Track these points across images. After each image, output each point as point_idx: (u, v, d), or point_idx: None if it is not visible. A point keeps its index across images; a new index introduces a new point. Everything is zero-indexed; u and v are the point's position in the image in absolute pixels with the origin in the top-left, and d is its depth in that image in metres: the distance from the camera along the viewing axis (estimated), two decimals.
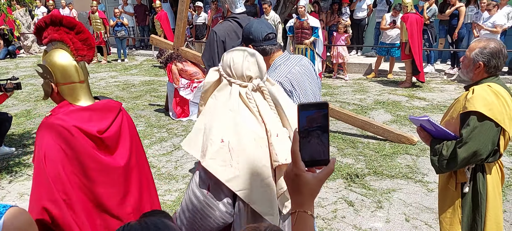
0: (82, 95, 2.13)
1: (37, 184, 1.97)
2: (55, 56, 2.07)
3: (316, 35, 8.75)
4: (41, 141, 2.00)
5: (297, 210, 1.07)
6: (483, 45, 2.33)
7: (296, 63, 2.46)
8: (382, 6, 10.80)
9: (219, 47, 3.99)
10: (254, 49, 2.38)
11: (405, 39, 8.44)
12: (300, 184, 1.04)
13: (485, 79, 2.36)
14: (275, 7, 9.38)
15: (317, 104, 1.03)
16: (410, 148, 5.40)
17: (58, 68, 2.07)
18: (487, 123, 2.24)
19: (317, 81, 2.58)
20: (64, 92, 2.11)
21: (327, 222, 3.80)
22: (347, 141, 5.79)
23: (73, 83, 2.10)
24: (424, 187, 4.40)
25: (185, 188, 4.58)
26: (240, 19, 4.06)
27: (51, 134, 2.00)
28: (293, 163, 1.04)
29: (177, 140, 6.07)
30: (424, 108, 7.25)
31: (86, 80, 2.17)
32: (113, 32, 13.10)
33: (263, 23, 2.45)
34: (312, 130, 1.03)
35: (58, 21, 2.06)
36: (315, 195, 1.06)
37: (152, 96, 8.72)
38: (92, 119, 2.12)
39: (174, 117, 7.10)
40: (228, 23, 4.08)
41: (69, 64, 2.08)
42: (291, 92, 2.32)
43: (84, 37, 2.12)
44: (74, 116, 2.06)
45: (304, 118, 1.03)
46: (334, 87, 8.97)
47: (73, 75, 2.09)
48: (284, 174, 1.09)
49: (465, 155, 2.27)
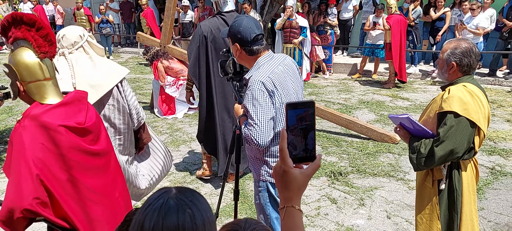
0: (49, 93, 2.11)
1: (18, 183, 1.94)
2: (19, 55, 2.05)
3: (304, 35, 8.81)
4: (22, 143, 1.98)
5: (286, 205, 1.11)
6: (454, 46, 2.41)
7: (279, 62, 2.45)
8: (368, 7, 10.91)
9: (200, 42, 4.04)
10: (241, 49, 2.40)
11: (389, 40, 8.55)
12: (288, 180, 1.08)
13: (460, 79, 2.44)
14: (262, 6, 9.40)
15: (304, 103, 1.08)
16: (392, 147, 5.50)
17: (22, 66, 2.05)
18: (463, 122, 2.32)
19: (299, 81, 2.59)
20: (31, 90, 2.09)
21: (310, 219, 3.85)
22: (332, 139, 5.86)
23: (38, 81, 2.08)
24: (406, 185, 4.49)
25: (170, 185, 4.59)
26: (227, 17, 4.09)
27: (31, 134, 1.99)
28: (281, 159, 1.08)
29: (162, 137, 6.07)
30: (407, 108, 7.37)
31: (54, 78, 2.15)
32: (98, 29, 12.98)
33: (253, 22, 2.41)
34: (299, 128, 1.07)
35: (19, 19, 2.04)
36: (302, 190, 1.11)
37: (137, 93, 8.68)
38: (68, 113, 2.11)
39: (159, 115, 7.08)
40: (214, 19, 4.13)
41: (33, 62, 2.06)
42: (273, 92, 2.31)
43: (44, 33, 2.09)
44: (50, 114, 2.05)
45: (293, 116, 1.07)
46: (319, 87, 9.05)
47: (38, 73, 2.08)
48: (273, 170, 1.13)
49: (442, 153, 2.34)
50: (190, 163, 5.20)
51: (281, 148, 1.07)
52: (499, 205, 4.06)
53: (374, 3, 10.51)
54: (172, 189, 1.13)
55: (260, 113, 2.26)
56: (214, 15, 4.18)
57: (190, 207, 1.08)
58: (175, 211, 1.06)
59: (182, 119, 6.95)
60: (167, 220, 1.04)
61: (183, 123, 6.78)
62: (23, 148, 1.98)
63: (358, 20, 11.55)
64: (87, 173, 2.15)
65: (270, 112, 2.28)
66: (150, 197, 1.11)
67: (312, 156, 1.10)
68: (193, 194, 1.12)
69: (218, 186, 4.55)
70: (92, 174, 2.17)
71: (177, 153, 5.49)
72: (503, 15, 8.83)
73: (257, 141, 2.27)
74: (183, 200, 1.09)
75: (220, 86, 4.19)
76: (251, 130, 2.28)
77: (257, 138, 2.26)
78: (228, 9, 4.13)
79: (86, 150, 2.13)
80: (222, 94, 4.22)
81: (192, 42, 4.12)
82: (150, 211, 1.07)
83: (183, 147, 5.73)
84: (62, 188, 2.04)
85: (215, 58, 4.09)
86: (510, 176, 4.63)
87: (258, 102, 2.26)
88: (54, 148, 2.02)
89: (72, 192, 2.08)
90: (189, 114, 7.15)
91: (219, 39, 4.03)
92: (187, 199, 1.10)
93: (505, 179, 4.58)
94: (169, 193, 1.11)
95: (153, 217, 1.05)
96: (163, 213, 1.05)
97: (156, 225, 1.04)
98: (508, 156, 5.14)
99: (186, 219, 1.06)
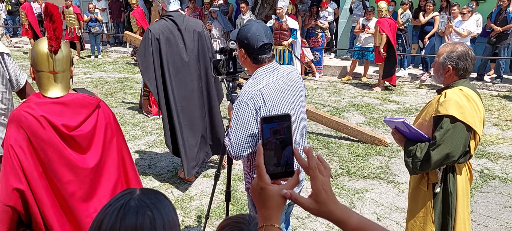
0: (50, 86, 2.13)
1: (4, 169, 1.96)
2: (38, 43, 2.11)
3: (294, 37, 8.80)
4: (10, 127, 2.01)
5: (264, 224, 1.05)
6: (450, 49, 2.41)
7: (280, 76, 2.33)
8: (358, 10, 10.96)
9: (153, 46, 4.00)
10: (246, 55, 2.32)
11: (378, 43, 8.60)
12: (266, 198, 1.03)
13: (456, 82, 2.44)
14: (252, 8, 9.40)
15: (280, 116, 1.04)
16: (382, 149, 5.51)
17: (34, 54, 2.11)
18: (459, 125, 2.31)
19: (301, 98, 2.47)
20: (38, 79, 2.14)
21: (301, 221, 3.84)
22: (322, 141, 5.86)
23: (42, 71, 2.12)
24: (396, 187, 4.50)
25: (159, 186, 4.54)
26: (175, 17, 4.11)
27: (19, 121, 2.00)
28: (258, 176, 1.03)
29: (151, 138, 6.01)
30: (396, 111, 7.41)
31: (62, 72, 2.15)
32: (87, 28, 12.84)
33: (262, 30, 2.28)
34: (275, 142, 1.03)
35: (45, 9, 2.13)
36: (281, 208, 1.05)
37: (126, 93, 8.60)
38: (63, 114, 2.08)
39: (149, 115, 7.01)
40: (163, 21, 4.13)
41: (42, 52, 2.10)
42: (260, 107, 2.21)
43: (54, 26, 2.12)
44: (44, 108, 2.05)
45: (268, 130, 1.03)
46: (309, 89, 9.06)
47: (43, 64, 2.11)
48: (250, 187, 1.08)
49: (438, 157, 2.33)
50: (179, 164, 5.15)
51: (257, 164, 1.02)
52: (488, 208, 4.09)
53: (364, 6, 10.57)
54: (136, 190, 1.13)
55: (239, 127, 2.21)
56: (162, 17, 4.18)
57: (151, 209, 1.07)
58: (135, 212, 1.06)
59: None
60: (125, 221, 1.05)
61: None
62: (9, 135, 2.00)
63: (348, 23, 11.59)
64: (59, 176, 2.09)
65: (250, 129, 2.21)
66: (113, 197, 1.12)
67: (290, 172, 1.05)
68: (156, 196, 1.12)
69: (208, 187, 4.51)
70: (65, 180, 2.11)
71: (166, 153, 5.43)
72: (491, 20, 8.95)
73: (231, 152, 2.26)
74: (145, 202, 1.08)
75: (179, 88, 4.15)
76: (228, 140, 2.26)
77: (231, 150, 2.24)
78: (173, 8, 4.15)
79: (64, 153, 2.07)
80: (182, 96, 4.18)
81: (141, 47, 4.04)
82: (109, 211, 1.07)
83: None
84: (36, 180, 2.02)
85: (170, 60, 4.07)
86: (498, 179, 4.68)
87: (240, 116, 2.21)
88: (34, 137, 2.01)
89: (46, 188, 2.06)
90: None
91: (171, 40, 4.03)
92: (149, 200, 1.09)
93: (494, 182, 4.62)
94: (132, 194, 1.11)
95: (112, 217, 1.06)
96: (122, 214, 1.05)
97: (114, 225, 1.04)
98: (497, 159, 5.20)
99: (145, 221, 1.05)
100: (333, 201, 1.03)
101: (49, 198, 2.05)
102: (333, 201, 1.03)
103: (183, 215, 3.96)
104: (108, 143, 2.27)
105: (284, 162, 1.04)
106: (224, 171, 4.25)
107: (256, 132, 2.23)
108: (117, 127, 2.36)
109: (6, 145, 1.97)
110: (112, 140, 2.31)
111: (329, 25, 11.14)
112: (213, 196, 3.34)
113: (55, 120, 2.04)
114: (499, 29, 8.69)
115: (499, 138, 5.97)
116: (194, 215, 3.99)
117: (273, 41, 8.90)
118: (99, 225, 1.05)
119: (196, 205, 4.16)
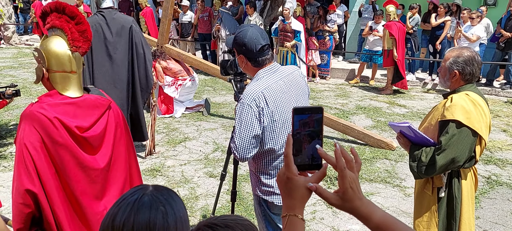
0: (71, 85, 2.14)
1: (18, 169, 1.97)
2: (52, 43, 2.09)
3: (298, 39, 8.79)
4: (23, 127, 2.01)
5: (288, 213, 1.07)
6: (457, 54, 2.41)
7: (282, 77, 2.34)
8: (367, 13, 10.94)
9: None
10: (247, 60, 2.34)
11: (387, 47, 8.58)
12: (292, 188, 1.05)
13: (462, 87, 2.43)
14: (261, 9, 9.40)
15: (312, 108, 1.04)
16: (389, 153, 5.50)
17: (52, 55, 2.09)
18: (465, 130, 2.31)
19: (305, 97, 2.47)
20: (55, 79, 2.12)
21: (306, 224, 3.84)
22: (329, 144, 5.85)
23: (64, 72, 2.11)
24: (402, 191, 4.49)
25: (165, 183, 4.57)
26: (105, 13, 4.43)
27: (33, 121, 2.00)
28: (285, 166, 1.05)
29: (158, 137, 6.04)
30: (404, 115, 7.38)
31: (78, 72, 2.18)
32: None
33: (258, 33, 2.29)
34: (305, 134, 1.04)
35: (62, 8, 2.09)
36: (306, 199, 1.06)
37: None
38: (76, 115, 2.10)
39: (158, 114, 7.06)
40: (94, 16, 4.47)
41: (63, 53, 2.10)
42: (263, 109, 2.22)
43: (82, 28, 2.13)
44: (58, 109, 2.06)
45: (297, 122, 1.03)
46: (317, 91, 9.06)
47: (66, 65, 2.11)
48: (277, 176, 1.09)
49: (443, 161, 2.33)
50: (185, 162, 5.18)
51: (286, 154, 1.04)
52: (495, 214, 4.07)
53: (374, 9, 10.54)
54: (148, 186, 1.14)
55: (243, 129, 2.23)
56: (95, 13, 4.53)
57: (164, 205, 1.09)
58: (148, 207, 1.07)
59: (179, 119, 6.93)
60: (138, 215, 1.06)
61: (179, 122, 6.76)
62: (23, 133, 2.00)
63: (357, 26, 11.57)
64: (71, 176, 2.11)
65: (254, 130, 2.22)
66: (127, 192, 1.13)
67: (318, 164, 1.06)
68: (169, 193, 1.14)
69: (214, 186, 4.54)
70: (76, 180, 2.14)
71: (174, 152, 5.47)
72: (501, 25, 8.88)
73: (237, 155, 2.28)
74: (158, 198, 1.10)
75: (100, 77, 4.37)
76: (233, 142, 2.28)
77: (236, 152, 2.26)
78: (106, 5, 4.49)
79: (76, 154, 2.10)
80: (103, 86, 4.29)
81: None
82: (123, 206, 1.08)
83: (180, 147, 5.71)
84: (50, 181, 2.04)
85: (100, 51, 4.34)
86: (505, 185, 4.65)
87: (243, 118, 2.23)
88: (47, 138, 2.02)
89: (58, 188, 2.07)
90: (186, 114, 7.13)
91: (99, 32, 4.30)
92: (162, 197, 1.11)
93: (501, 188, 4.59)
94: (145, 189, 1.12)
95: (126, 211, 1.07)
96: (136, 209, 1.07)
97: (127, 220, 1.06)
98: (504, 166, 5.16)
99: (158, 216, 1.07)
100: (358, 198, 1.04)
101: (61, 198, 2.06)
102: (359, 198, 1.04)
103: (189, 214, 3.99)
104: (117, 143, 2.29)
105: (312, 154, 1.05)
106: (230, 171, 4.27)
107: (260, 133, 2.24)
108: (125, 127, 2.38)
109: (20, 143, 1.98)
110: (121, 140, 2.33)
111: (338, 28, 11.13)
112: (219, 196, 3.36)
113: (68, 121, 2.05)
114: (509, 35, 8.62)
115: (508, 144, 5.93)
116: (199, 214, 4.01)
117: (278, 42, 8.96)
118: (113, 219, 1.07)
119: (201, 205, 4.18)
